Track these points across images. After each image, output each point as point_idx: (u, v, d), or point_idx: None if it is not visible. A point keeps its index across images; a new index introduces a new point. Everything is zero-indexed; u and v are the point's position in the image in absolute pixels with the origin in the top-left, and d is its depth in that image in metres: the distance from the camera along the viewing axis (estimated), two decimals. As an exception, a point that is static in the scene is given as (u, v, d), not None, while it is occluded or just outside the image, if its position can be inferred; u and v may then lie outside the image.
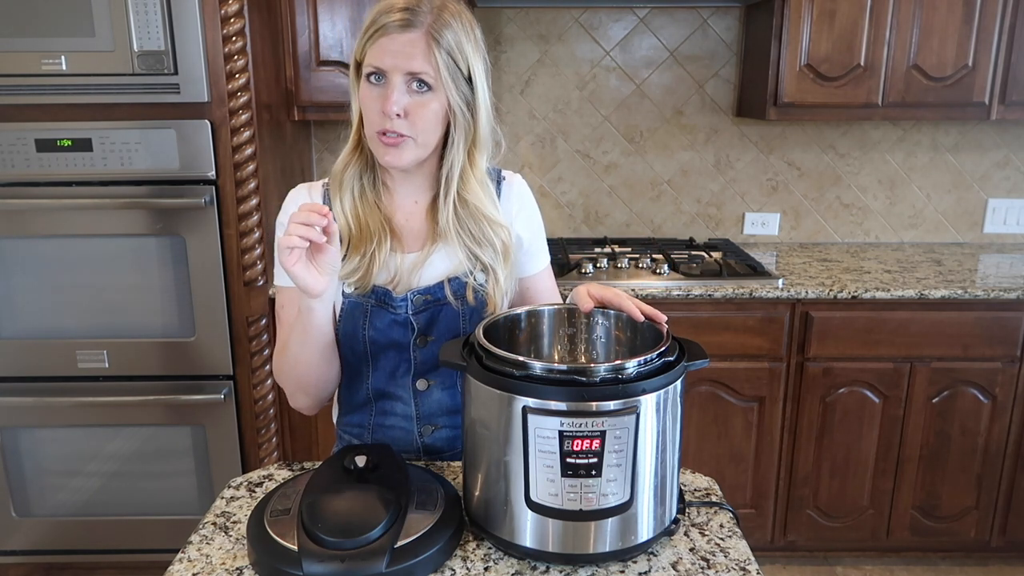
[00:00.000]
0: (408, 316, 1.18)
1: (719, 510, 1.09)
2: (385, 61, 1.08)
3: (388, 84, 1.09)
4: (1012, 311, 2.27)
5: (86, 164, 2.06)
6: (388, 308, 1.18)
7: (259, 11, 2.13)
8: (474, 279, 1.20)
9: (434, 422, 1.26)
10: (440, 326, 1.20)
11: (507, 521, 0.96)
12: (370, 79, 1.10)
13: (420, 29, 1.07)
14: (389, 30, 1.07)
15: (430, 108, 1.11)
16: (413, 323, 1.19)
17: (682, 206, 2.90)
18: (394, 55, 1.08)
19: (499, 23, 2.72)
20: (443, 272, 1.20)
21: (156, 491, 2.30)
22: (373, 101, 1.10)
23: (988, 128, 2.79)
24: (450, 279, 1.20)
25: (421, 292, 1.19)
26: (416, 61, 1.08)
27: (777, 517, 2.46)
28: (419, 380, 1.23)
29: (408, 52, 1.07)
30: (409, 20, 1.07)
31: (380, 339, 1.20)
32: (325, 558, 0.90)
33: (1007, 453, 2.37)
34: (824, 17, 2.35)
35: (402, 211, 1.22)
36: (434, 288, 1.19)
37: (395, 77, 1.08)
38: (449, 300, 1.19)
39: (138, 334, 2.18)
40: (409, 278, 1.19)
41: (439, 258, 1.20)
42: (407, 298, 1.18)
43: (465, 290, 1.19)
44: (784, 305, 2.28)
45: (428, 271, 1.20)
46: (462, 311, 1.20)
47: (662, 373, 0.93)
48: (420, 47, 1.08)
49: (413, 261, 1.20)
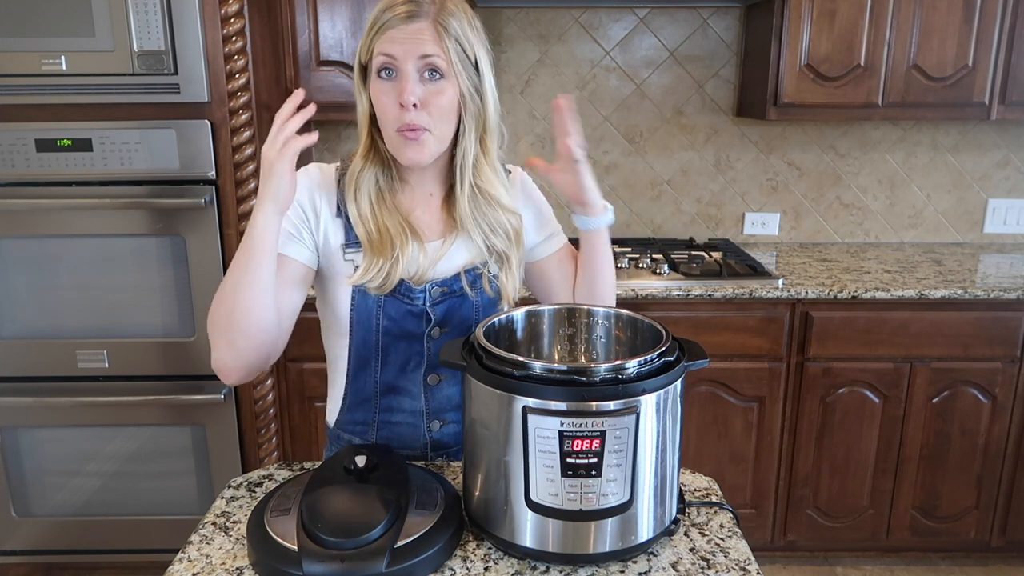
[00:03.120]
0: (425, 307, 1.19)
1: (719, 510, 1.09)
2: (396, 49, 1.08)
3: (401, 75, 1.09)
4: (1012, 311, 2.27)
5: (86, 164, 2.06)
6: (405, 299, 1.19)
7: (259, 11, 2.13)
8: (488, 270, 1.22)
9: (443, 417, 1.26)
10: (456, 318, 1.21)
11: (507, 521, 0.96)
12: (381, 74, 1.10)
13: (427, 18, 1.09)
14: (395, 22, 1.08)
15: (445, 96, 1.11)
16: (430, 314, 1.19)
17: (682, 206, 2.90)
18: (404, 42, 1.08)
19: (499, 23, 2.72)
20: (460, 263, 1.21)
21: (156, 491, 2.30)
22: (387, 96, 1.10)
23: (988, 128, 2.79)
24: (466, 270, 1.21)
25: (439, 284, 1.19)
26: (427, 45, 1.09)
27: (777, 517, 2.46)
28: (430, 375, 1.24)
29: (418, 39, 1.08)
30: (414, 11, 1.08)
31: (393, 329, 1.20)
32: (325, 558, 0.90)
33: (1007, 453, 2.38)
34: (824, 17, 2.35)
35: (419, 206, 1.23)
36: (451, 280, 1.20)
37: (407, 66, 1.09)
38: (466, 291, 1.20)
39: (138, 334, 2.18)
40: (428, 270, 1.20)
41: (456, 249, 1.21)
42: (426, 290, 1.19)
43: (481, 281, 1.21)
44: (784, 305, 2.28)
45: (445, 263, 1.21)
46: (476, 303, 1.21)
47: (662, 373, 0.93)
48: (429, 34, 1.09)
49: (433, 253, 1.20)
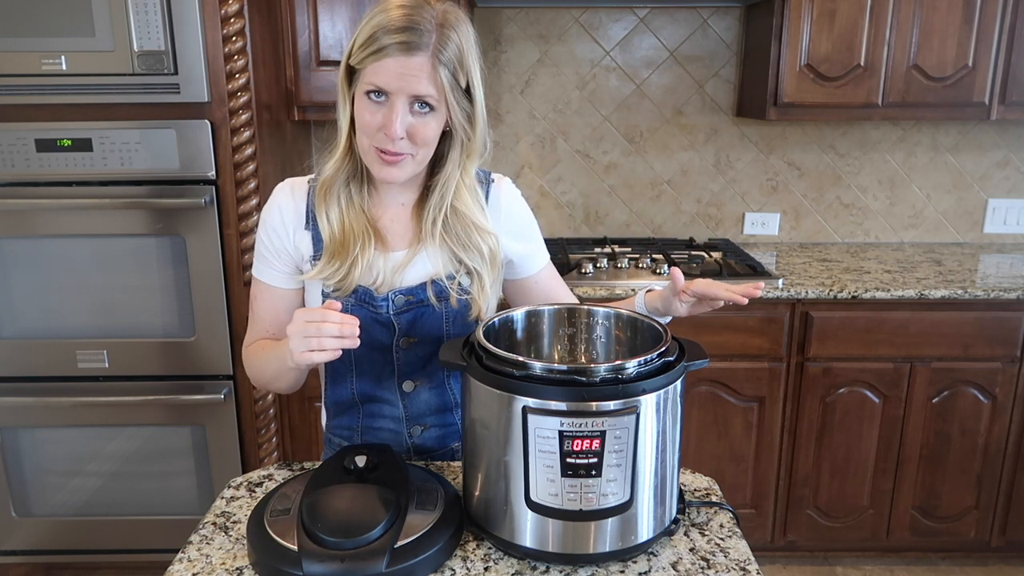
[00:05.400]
0: (390, 316, 1.18)
1: (719, 510, 1.09)
2: (391, 84, 1.05)
3: (391, 106, 1.06)
4: (1012, 311, 2.27)
5: (86, 164, 2.06)
6: (369, 307, 1.17)
7: (259, 11, 2.13)
8: (458, 283, 1.19)
9: (423, 422, 1.26)
10: (423, 327, 1.19)
11: (507, 521, 0.96)
12: (370, 95, 1.07)
13: (426, 52, 1.04)
14: (393, 52, 1.04)
15: (431, 127, 1.10)
16: (395, 324, 1.18)
17: (682, 206, 2.90)
18: (399, 78, 1.05)
19: (499, 23, 2.72)
20: (427, 273, 1.19)
21: (156, 491, 2.30)
22: (372, 116, 1.08)
23: (988, 128, 2.79)
24: (433, 281, 1.19)
25: (403, 292, 1.18)
26: (422, 84, 1.05)
27: (777, 517, 2.46)
28: (405, 382, 1.23)
29: (414, 75, 1.05)
30: (415, 43, 1.04)
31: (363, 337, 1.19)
32: (325, 558, 0.90)
33: (1007, 453, 2.37)
34: (824, 17, 2.35)
35: (388, 213, 1.21)
36: (416, 289, 1.18)
37: (398, 100, 1.06)
38: (431, 301, 1.18)
39: (138, 334, 2.18)
40: (392, 278, 1.18)
41: (423, 259, 1.19)
42: (388, 298, 1.17)
43: (448, 293, 1.19)
44: (784, 305, 2.28)
45: (411, 272, 1.19)
46: (445, 313, 1.19)
47: (662, 373, 0.93)
48: (426, 71, 1.05)
49: (397, 261, 1.19)
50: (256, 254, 1.22)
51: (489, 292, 1.21)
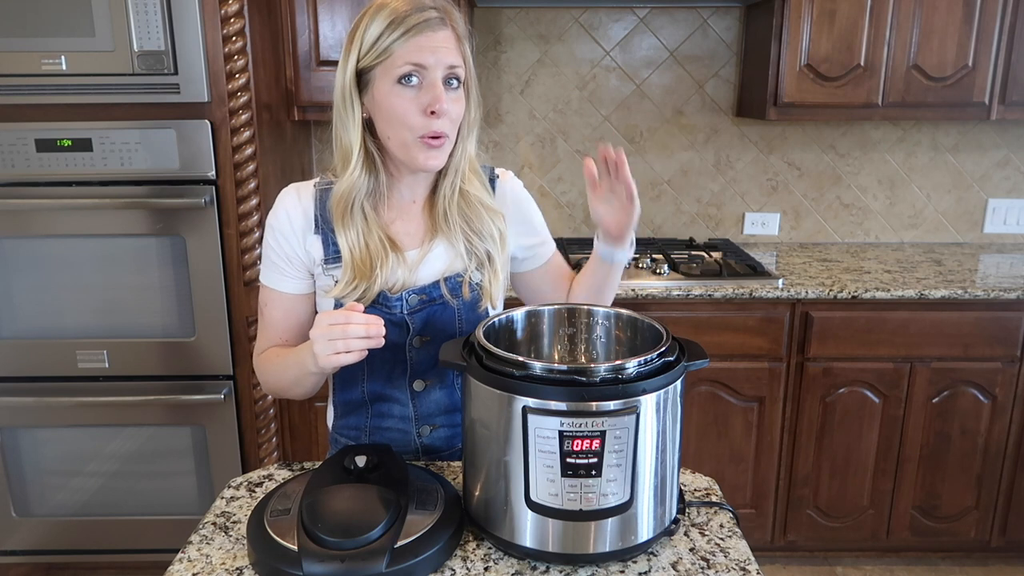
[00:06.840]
0: (404, 316, 1.17)
1: (719, 510, 1.09)
2: (428, 58, 1.07)
3: (430, 83, 1.08)
4: (1012, 311, 2.27)
5: (86, 164, 2.06)
6: (383, 308, 1.17)
7: (259, 11, 2.13)
8: (470, 276, 1.20)
9: (432, 422, 1.26)
10: (436, 325, 1.19)
11: (507, 521, 0.96)
12: (402, 81, 1.08)
13: (447, 27, 1.09)
14: (424, 28, 1.07)
15: (462, 103, 1.13)
16: (409, 323, 1.18)
17: (682, 206, 2.90)
18: (435, 52, 1.07)
19: (499, 23, 2.72)
20: (440, 269, 1.19)
21: (156, 491, 2.30)
22: (411, 103, 1.08)
23: (988, 128, 2.79)
24: (446, 277, 1.19)
25: (417, 292, 1.18)
26: (452, 55, 1.09)
27: (777, 517, 2.46)
28: (416, 381, 1.23)
29: (446, 47, 1.08)
30: (437, 19, 1.08)
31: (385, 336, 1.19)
32: (325, 558, 0.90)
33: (1007, 453, 2.38)
34: (824, 17, 2.35)
35: (401, 215, 1.21)
36: (430, 287, 1.18)
37: (436, 74, 1.08)
38: (446, 298, 1.18)
39: (138, 334, 2.18)
40: (407, 277, 1.18)
41: (437, 254, 1.20)
42: (402, 298, 1.17)
43: (461, 287, 1.19)
44: (784, 305, 2.28)
45: (425, 269, 1.19)
46: (458, 310, 1.20)
47: (662, 373, 0.93)
48: (452, 42, 1.09)
49: (411, 261, 1.19)
50: (264, 261, 1.21)
51: (501, 279, 1.23)
